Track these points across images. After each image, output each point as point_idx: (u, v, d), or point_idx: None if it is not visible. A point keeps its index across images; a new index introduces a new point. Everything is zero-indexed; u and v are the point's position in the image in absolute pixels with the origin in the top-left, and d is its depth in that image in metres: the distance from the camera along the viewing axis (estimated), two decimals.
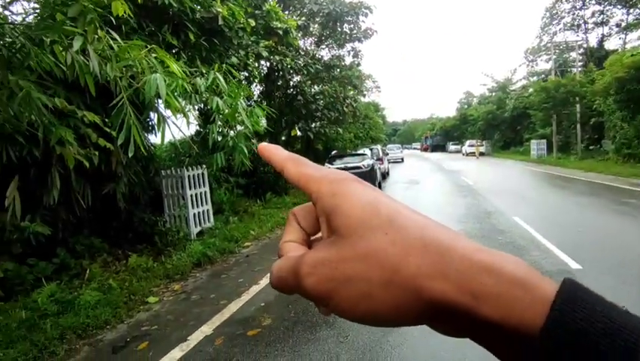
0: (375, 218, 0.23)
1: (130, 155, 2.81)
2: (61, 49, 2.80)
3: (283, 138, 13.14)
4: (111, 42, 2.88)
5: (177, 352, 2.91)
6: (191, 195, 6.78)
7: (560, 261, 4.53)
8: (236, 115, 4.18)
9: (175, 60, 3.11)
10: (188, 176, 6.78)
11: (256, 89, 11.20)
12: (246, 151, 4.40)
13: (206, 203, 7.27)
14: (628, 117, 14.61)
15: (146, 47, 3.04)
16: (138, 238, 6.21)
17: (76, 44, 2.45)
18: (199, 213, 6.95)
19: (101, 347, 3.17)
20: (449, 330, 0.22)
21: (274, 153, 0.29)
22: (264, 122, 5.29)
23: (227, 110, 4.26)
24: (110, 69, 2.68)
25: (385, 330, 3.04)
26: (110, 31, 2.79)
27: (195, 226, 6.77)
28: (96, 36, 2.72)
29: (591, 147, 20.64)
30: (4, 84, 2.95)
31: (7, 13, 3.17)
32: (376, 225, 0.22)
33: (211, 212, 7.37)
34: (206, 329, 3.25)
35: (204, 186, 7.25)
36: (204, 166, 7.34)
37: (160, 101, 3.08)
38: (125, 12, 2.92)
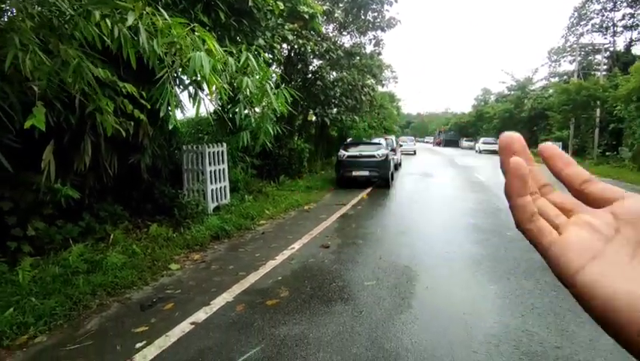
0: None
1: (170, 127, 2.97)
2: (109, 22, 2.94)
3: (298, 123, 13.25)
4: (155, 18, 3.01)
5: (201, 314, 3.13)
6: (211, 172, 6.98)
7: None
8: (265, 96, 4.31)
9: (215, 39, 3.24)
10: (209, 152, 6.97)
11: (274, 71, 11.28)
12: (271, 131, 4.54)
13: (224, 180, 7.47)
14: None
15: (188, 24, 3.17)
16: (158, 209, 6.44)
17: (130, 19, 2.59)
18: (217, 189, 7.16)
19: (129, 305, 3.40)
20: None
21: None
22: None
23: (255, 91, 4.39)
24: (157, 45, 2.83)
25: (397, 309, 3.22)
26: (158, 7, 2.93)
27: (212, 202, 6.99)
28: (144, 12, 2.86)
29: (607, 153, 20.35)
30: (54, 53, 3.12)
31: None
32: None
33: (228, 189, 7.57)
34: (227, 296, 3.47)
35: (223, 163, 7.44)
36: (224, 144, 7.52)
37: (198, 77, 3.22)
38: None
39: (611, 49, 28.14)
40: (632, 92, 14.09)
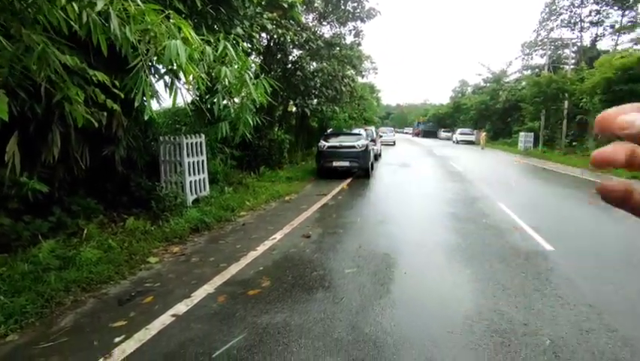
0: None
1: (146, 118, 2.89)
2: (76, 7, 2.80)
3: (278, 113, 13.13)
4: (127, 4, 2.89)
5: (182, 306, 3.09)
6: (189, 163, 6.84)
7: (535, 243, 4.86)
8: (244, 86, 4.24)
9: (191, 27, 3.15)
10: (187, 143, 6.83)
11: (253, 61, 11.09)
12: (250, 122, 4.48)
13: (203, 172, 7.34)
14: None
15: (162, 11, 3.07)
16: (134, 202, 6.28)
17: (100, 4, 2.48)
18: (196, 181, 7.04)
19: (106, 300, 3.32)
20: None
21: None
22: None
23: (234, 81, 4.30)
24: (129, 32, 2.72)
25: (377, 294, 3.27)
26: None
27: (191, 194, 6.87)
28: None
29: (574, 143, 21.16)
30: (16, 38, 2.96)
31: None
32: None
33: (207, 181, 7.45)
34: (208, 288, 3.44)
35: (202, 154, 7.31)
36: (203, 135, 7.38)
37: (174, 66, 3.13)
38: None
39: (579, 44, 29.13)
40: (597, 86, 14.66)
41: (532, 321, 2.88)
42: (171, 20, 2.95)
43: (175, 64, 2.87)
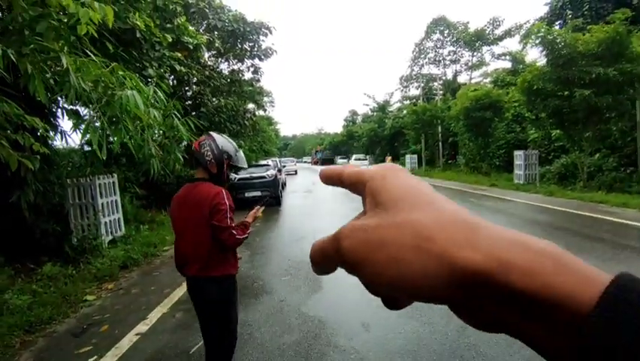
0: (416, 197, 0.24)
1: (104, 158, 3.23)
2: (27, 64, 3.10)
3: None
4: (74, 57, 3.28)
5: (143, 326, 3.38)
6: (103, 204, 6.76)
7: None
8: (173, 125, 4.72)
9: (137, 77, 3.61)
10: (99, 184, 6.76)
11: (174, 103, 11.11)
12: (180, 158, 4.92)
13: (117, 211, 7.26)
14: (472, 138, 18.64)
15: (106, 65, 3.50)
16: (41, 250, 5.97)
17: (64, 61, 2.85)
18: (110, 221, 6.94)
19: (58, 336, 3.40)
20: (478, 315, 0.22)
21: (332, 170, 0.32)
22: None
23: (162, 121, 4.76)
24: (83, 83, 3.10)
25: (311, 292, 4.00)
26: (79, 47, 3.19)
27: (107, 235, 6.75)
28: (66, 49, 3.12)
29: (450, 161, 25.30)
30: None
31: None
32: (417, 202, 0.24)
33: (122, 220, 7.36)
34: (161, 309, 3.75)
35: (115, 194, 7.25)
36: (115, 174, 7.35)
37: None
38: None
39: (444, 78, 35.14)
40: (460, 113, 18.11)
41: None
42: (120, 73, 3.39)
43: (129, 111, 3.31)
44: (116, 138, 3.76)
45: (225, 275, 2.17)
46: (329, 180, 0.32)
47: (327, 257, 0.27)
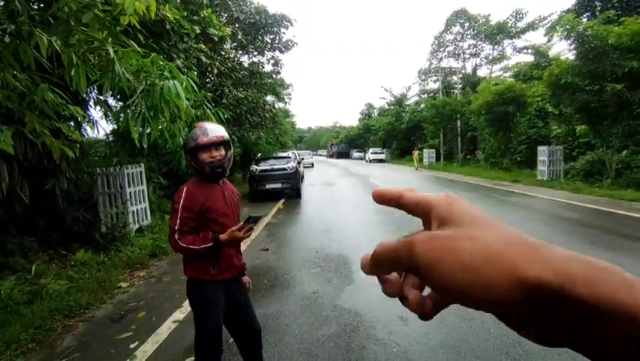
0: (485, 219, 0.27)
1: (145, 146, 3.26)
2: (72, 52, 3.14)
3: None
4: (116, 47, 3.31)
5: (179, 314, 3.43)
6: (131, 193, 6.87)
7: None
8: (205, 115, 4.74)
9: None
10: (128, 173, 6.87)
11: (204, 94, 11.23)
12: None
13: (144, 201, 7.38)
14: (493, 133, 18.27)
15: (146, 54, 3.51)
16: (72, 237, 6.12)
17: (111, 51, 2.88)
18: (138, 210, 7.06)
19: (97, 321, 3.48)
20: (542, 328, 0.23)
21: (389, 191, 0.33)
22: None
23: (193, 112, 4.79)
24: (127, 73, 3.13)
25: (344, 284, 3.99)
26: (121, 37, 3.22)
27: (134, 223, 6.87)
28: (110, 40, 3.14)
29: (468, 157, 24.88)
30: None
31: None
32: (486, 223, 0.26)
33: (148, 210, 7.49)
34: None
35: (142, 184, 7.36)
36: (142, 164, 7.45)
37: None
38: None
39: (463, 71, 34.48)
40: (481, 107, 17.76)
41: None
42: (160, 62, 3.41)
43: (172, 102, 3.32)
44: (152, 128, 3.81)
45: (188, 277, 2.10)
46: (383, 200, 0.34)
47: (396, 259, 0.28)
